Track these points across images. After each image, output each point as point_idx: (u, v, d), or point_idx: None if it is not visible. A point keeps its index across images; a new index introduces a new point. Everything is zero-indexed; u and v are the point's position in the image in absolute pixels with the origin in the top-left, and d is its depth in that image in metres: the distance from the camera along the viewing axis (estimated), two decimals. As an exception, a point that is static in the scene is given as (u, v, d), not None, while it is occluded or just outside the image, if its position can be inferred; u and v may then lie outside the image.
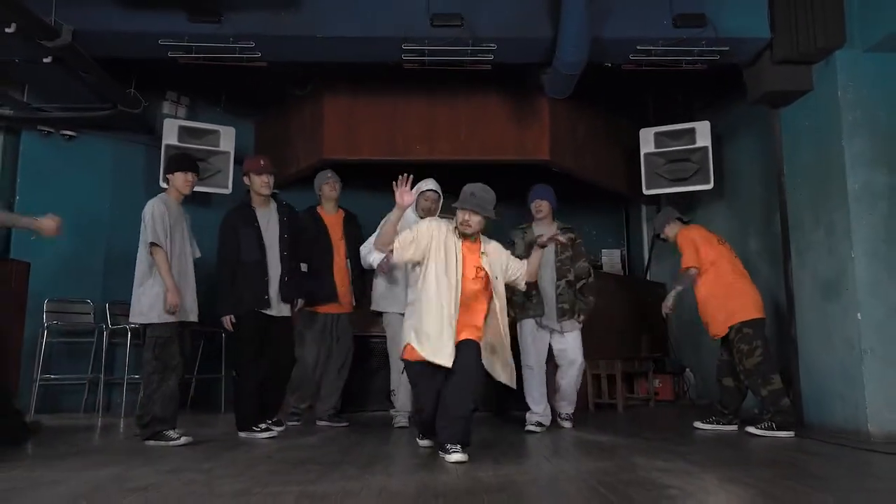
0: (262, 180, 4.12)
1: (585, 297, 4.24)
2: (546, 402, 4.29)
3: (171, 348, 3.68)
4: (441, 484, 2.52)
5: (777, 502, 2.22)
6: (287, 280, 4.12)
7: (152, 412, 3.59)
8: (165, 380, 3.64)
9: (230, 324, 3.96)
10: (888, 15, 3.81)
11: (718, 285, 4.14)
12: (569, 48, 4.22)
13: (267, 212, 4.18)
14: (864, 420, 3.77)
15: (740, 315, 4.06)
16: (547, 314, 4.25)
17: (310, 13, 4.26)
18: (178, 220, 3.83)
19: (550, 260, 4.26)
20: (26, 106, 5.31)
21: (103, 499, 2.21)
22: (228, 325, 3.97)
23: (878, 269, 3.90)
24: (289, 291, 4.12)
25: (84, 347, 5.39)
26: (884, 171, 3.97)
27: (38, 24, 3.89)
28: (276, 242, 4.15)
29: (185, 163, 3.96)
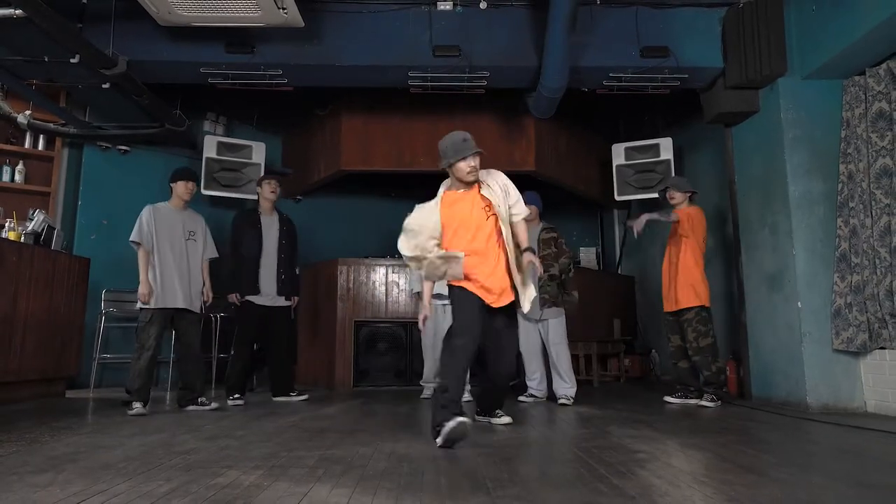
0: (269, 187, 4.38)
1: (569, 292, 4.20)
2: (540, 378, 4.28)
3: (149, 331, 3.70)
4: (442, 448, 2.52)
5: (729, 463, 2.22)
6: (283, 278, 4.32)
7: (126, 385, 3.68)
8: (139, 358, 3.65)
9: (236, 299, 4.22)
10: (822, 48, 3.81)
11: (700, 266, 4.12)
12: (551, 75, 4.21)
13: (270, 219, 4.39)
14: (804, 393, 3.77)
15: (705, 300, 4.07)
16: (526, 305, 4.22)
17: (329, 45, 4.25)
18: (173, 225, 3.86)
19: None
20: (88, 125, 5.31)
21: (153, 461, 2.21)
22: (234, 300, 4.22)
23: (815, 264, 3.90)
24: (283, 288, 4.33)
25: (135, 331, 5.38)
26: (819, 180, 3.97)
27: (99, 55, 3.89)
28: (276, 245, 4.34)
29: (186, 173, 4.03)
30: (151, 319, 3.70)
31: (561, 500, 1.73)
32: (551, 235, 4.25)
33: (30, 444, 2.56)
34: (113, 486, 1.84)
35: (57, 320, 4.36)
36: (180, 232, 3.87)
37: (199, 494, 1.75)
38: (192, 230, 3.95)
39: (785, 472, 2.11)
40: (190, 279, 3.86)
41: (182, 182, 3.93)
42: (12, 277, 3.95)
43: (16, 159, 5.38)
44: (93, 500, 1.69)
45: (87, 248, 5.20)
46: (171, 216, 3.87)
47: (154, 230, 3.76)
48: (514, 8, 4.32)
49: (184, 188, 3.93)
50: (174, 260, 3.80)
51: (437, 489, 1.84)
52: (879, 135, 3.68)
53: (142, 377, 3.62)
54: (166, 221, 3.83)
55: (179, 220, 3.90)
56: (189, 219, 3.96)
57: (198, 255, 3.95)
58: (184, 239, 3.87)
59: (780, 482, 1.94)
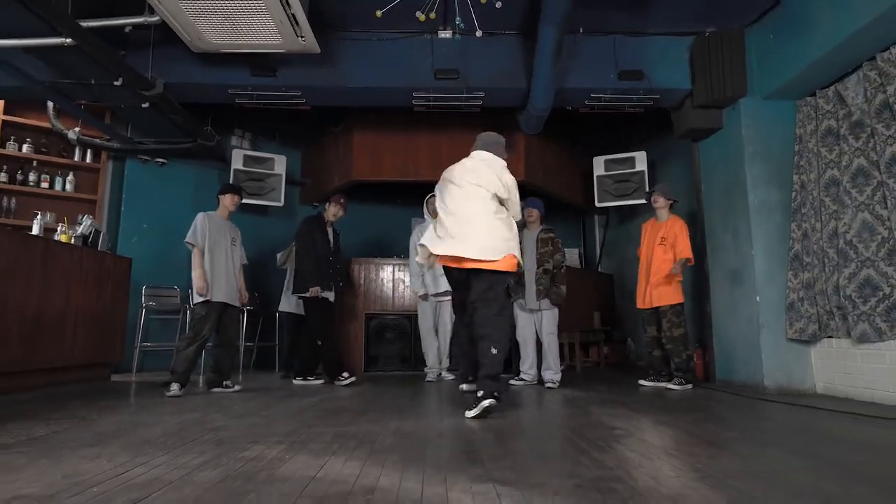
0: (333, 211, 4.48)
1: (558, 285, 4.20)
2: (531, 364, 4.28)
3: (205, 323, 3.74)
4: (443, 426, 2.53)
5: (696, 438, 2.23)
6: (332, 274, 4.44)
7: (172, 365, 3.69)
8: (189, 346, 3.69)
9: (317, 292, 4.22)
10: (778, 73, 3.82)
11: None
12: (539, 96, 4.22)
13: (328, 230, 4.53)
14: (761, 377, 3.78)
15: (680, 297, 4.07)
16: (527, 298, 4.24)
17: (342, 69, 4.26)
18: (221, 230, 3.92)
19: (532, 251, 4.26)
20: (130, 140, 5.32)
21: (188, 436, 2.22)
22: (316, 293, 4.22)
23: (772, 263, 3.91)
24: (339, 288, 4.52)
25: (172, 322, 5.40)
26: (776, 189, 3.98)
27: (139, 78, 3.90)
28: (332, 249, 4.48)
29: (232, 188, 4.11)
30: (208, 313, 3.74)
31: (548, 471, 1.74)
32: (549, 235, 4.28)
33: (80, 421, 2.58)
34: (153, 458, 1.85)
35: (103, 313, 4.37)
36: (227, 237, 3.94)
37: (228, 466, 1.76)
38: (234, 237, 4.03)
39: (744, 446, 2.12)
40: (233, 279, 3.92)
41: (229, 195, 4.01)
42: (64, 275, 3.96)
43: (66, 171, 5.39)
44: (135, 470, 1.70)
45: (129, 249, 5.21)
46: (220, 223, 3.94)
47: (207, 234, 3.81)
48: (506, 36, 4.32)
49: (230, 200, 4.00)
50: (223, 261, 3.86)
51: (438, 462, 1.85)
52: (828, 149, 3.69)
53: (187, 362, 3.66)
54: (216, 227, 3.89)
55: (225, 227, 3.97)
56: (231, 227, 4.04)
57: (237, 259, 4.02)
58: (229, 244, 3.94)
59: (740, 455, 1.95)
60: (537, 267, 4.20)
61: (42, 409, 2.94)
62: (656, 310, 4.15)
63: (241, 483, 1.58)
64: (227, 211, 4.00)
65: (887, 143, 3.25)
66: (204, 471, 1.70)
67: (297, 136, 6.52)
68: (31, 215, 4.76)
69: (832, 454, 2.00)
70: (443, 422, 2.64)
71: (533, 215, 4.35)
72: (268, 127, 6.21)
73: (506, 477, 1.64)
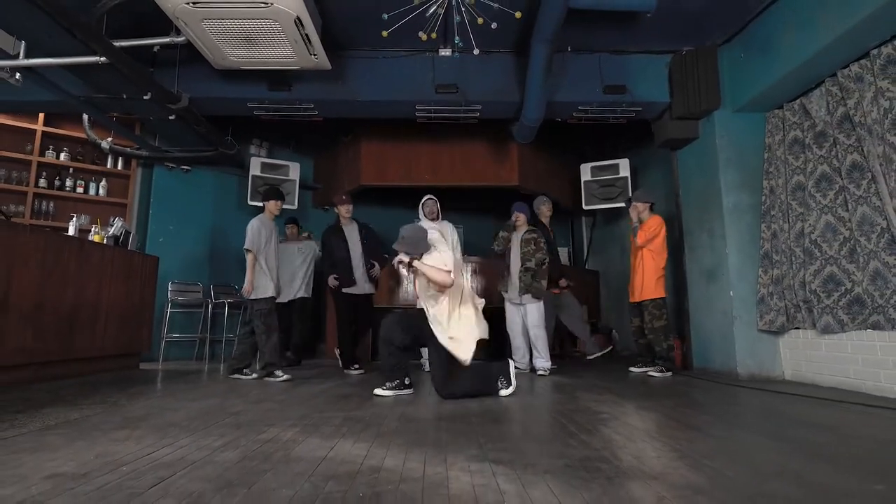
0: (344, 209, 4.44)
1: (538, 281, 4.17)
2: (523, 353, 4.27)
3: (272, 316, 3.76)
4: (443, 411, 2.53)
5: (674, 421, 2.23)
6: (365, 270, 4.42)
7: (265, 359, 3.69)
8: (269, 338, 3.70)
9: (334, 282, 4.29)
10: (748, 88, 3.81)
11: (660, 266, 4.06)
12: (531, 109, 4.20)
13: (351, 228, 4.47)
14: (734, 365, 3.77)
15: (661, 293, 4.04)
16: (511, 292, 4.23)
17: (352, 84, 4.25)
18: (272, 233, 3.96)
19: (517, 251, 4.25)
20: (157, 149, 5.31)
21: (210, 420, 2.21)
22: (333, 283, 4.29)
23: (744, 260, 3.90)
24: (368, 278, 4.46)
25: (196, 315, 5.39)
26: (747, 193, 3.97)
27: (166, 93, 3.89)
28: (359, 247, 4.42)
29: (276, 193, 4.08)
30: (271, 307, 3.76)
31: (540, 451, 1.73)
32: (532, 236, 4.25)
33: (111, 406, 2.57)
34: (178, 440, 1.85)
35: (132, 307, 4.36)
36: (276, 240, 3.97)
37: (246, 447, 1.75)
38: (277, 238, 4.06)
39: (720, 429, 2.11)
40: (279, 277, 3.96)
41: (273, 201, 3.98)
42: (97, 272, 3.95)
43: (100, 177, 5.38)
44: (161, 451, 1.69)
45: (157, 249, 5.19)
46: (270, 227, 3.95)
47: (263, 239, 3.80)
48: (501, 54, 4.31)
49: (275, 205, 3.98)
50: (275, 261, 3.89)
51: (438, 444, 1.84)
52: (795, 157, 3.68)
53: (277, 351, 3.72)
54: (268, 231, 3.89)
55: (272, 229, 3.98)
56: (275, 229, 4.06)
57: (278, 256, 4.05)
58: (275, 245, 3.96)
59: (716, 437, 1.95)
60: (520, 265, 4.19)
61: (77, 395, 2.93)
62: (640, 303, 4.14)
63: (258, 462, 1.57)
64: (272, 215, 4.01)
65: (847, 152, 3.24)
66: (224, 451, 1.70)
67: (310, 144, 6.51)
68: (67, 218, 4.76)
69: (799, 435, 1.99)
70: (444, 407, 2.64)
71: (520, 219, 4.33)
72: (283, 137, 6.20)
73: (501, 457, 1.64)
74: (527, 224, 4.37)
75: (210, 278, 5.54)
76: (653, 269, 4.06)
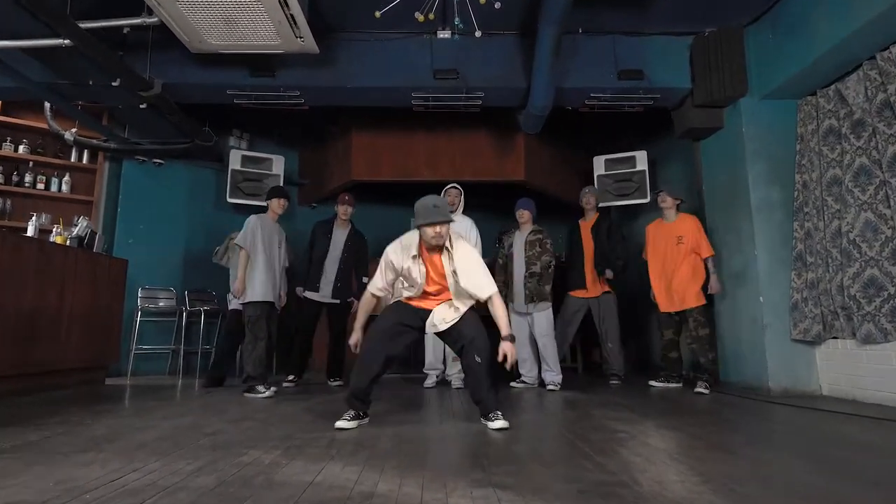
0: (342, 210, 4.54)
1: (543, 286, 4.14)
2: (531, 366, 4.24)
3: (261, 323, 3.76)
4: (443, 430, 2.50)
5: (699, 441, 2.21)
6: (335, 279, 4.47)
7: (247, 371, 3.70)
8: (255, 347, 3.71)
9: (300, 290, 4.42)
10: (777, 72, 3.80)
11: (700, 270, 4.06)
12: (539, 96, 4.20)
13: (342, 231, 4.57)
14: (766, 379, 3.75)
15: (703, 298, 4.02)
16: (517, 301, 4.20)
17: (341, 69, 4.24)
18: (271, 233, 3.99)
19: (521, 254, 4.23)
20: (127, 140, 5.30)
21: (183, 441, 2.19)
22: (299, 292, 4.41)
23: (774, 263, 3.88)
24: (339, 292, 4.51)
25: (168, 324, 5.37)
26: (777, 188, 3.96)
27: (137, 79, 3.88)
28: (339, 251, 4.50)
29: (279, 191, 4.12)
30: (261, 313, 3.77)
31: (550, 476, 1.71)
32: (537, 237, 4.23)
33: (74, 426, 2.54)
34: (147, 464, 1.82)
35: (98, 315, 4.33)
36: (275, 240, 4.00)
37: (224, 472, 1.73)
38: (280, 240, 4.08)
39: (750, 449, 2.09)
40: (276, 280, 3.96)
41: (276, 199, 4.04)
42: (59, 277, 3.92)
43: (63, 172, 5.36)
44: (129, 476, 1.67)
45: (126, 251, 5.17)
46: (270, 227, 3.99)
47: (256, 237, 3.85)
48: (505, 36, 4.30)
49: (277, 204, 4.03)
50: (270, 263, 3.90)
51: (437, 467, 1.82)
52: (830, 148, 3.67)
53: (262, 363, 3.71)
54: (266, 231, 3.93)
55: (275, 230, 4.03)
56: (279, 230, 4.09)
57: (281, 261, 4.08)
58: (276, 246, 3.99)
59: (746, 458, 1.93)
60: (525, 270, 4.17)
61: (35, 413, 2.90)
62: (682, 312, 4.09)
63: (237, 488, 1.55)
64: (275, 214, 4.05)
65: (889, 142, 3.23)
66: (199, 476, 1.67)
67: (295, 136, 6.49)
68: (26, 217, 4.74)
69: (839, 456, 1.97)
70: (442, 426, 2.61)
71: (524, 216, 4.31)
72: (266, 127, 6.18)
73: (506, 482, 1.61)
74: (532, 223, 4.35)
75: (185, 284, 5.52)
76: (695, 272, 4.03)
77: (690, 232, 4.08)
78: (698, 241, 4.06)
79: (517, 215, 4.34)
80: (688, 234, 4.08)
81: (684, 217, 4.18)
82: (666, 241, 4.21)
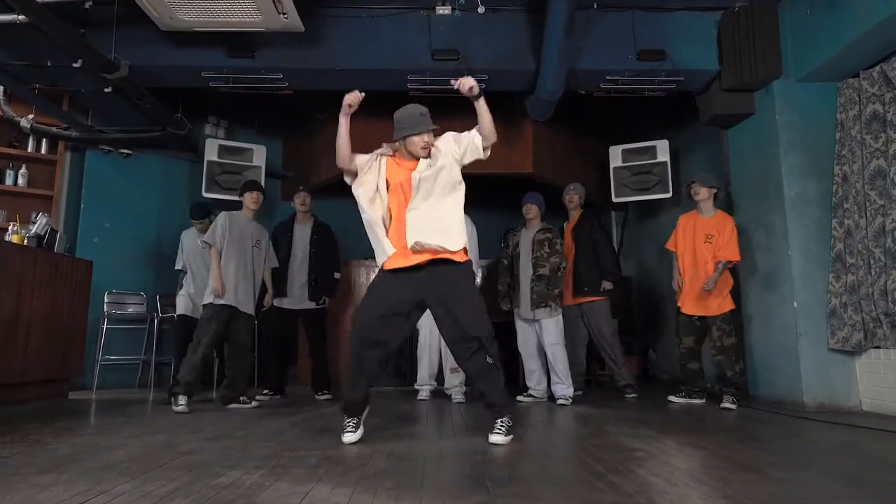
0: (298, 201, 4.69)
1: (552, 290, 4.14)
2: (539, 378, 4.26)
3: (207, 327, 3.80)
4: (442, 447, 2.52)
5: (725, 461, 2.23)
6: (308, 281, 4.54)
7: (178, 376, 3.74)
8: (194, 352, 3.74)
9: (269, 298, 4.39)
10: (815, 51, 3.82)
11: (728, 275, 4.07)
12: (548, 78, 4.22)
13: (303, 227, 4.66)
14: (800, 392, 3.77)
15: (731, 304, 4.03)
16: (522, 307, 4.22)
17: (329, 49, 4.26)
18: (244, 231, 4.02)
19: (528, 255, 4.24)
20: (90, 128, 5.31)
21: (155, 461, 2.21)
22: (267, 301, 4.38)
23: (810, 264, 3.90)
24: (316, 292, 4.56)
25: (138, 333, 5.39)
26: (814, 181, 3.98)
27: (101, 59, 3.90)
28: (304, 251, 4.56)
29: (251, 185, 4.17)
30: (212, 317, 3.81)
31: (560, 497, 1.73)
32: (546, 236, 4.24)
33: (33, 444, 2.56)
34: (116, 486, 1.84)
35: (60, 322, 4.35)
36: (249, 240, 4.03)
37: (201, 494, 1.75)
38: (259, 239, 4.12)
39: (781, 470, 2.11)
40: (250, 284, 4.00)
41: (248, 193, 4.11)
42: (15, 280, 3.94)
43: (19, 163, 5.37)
44: (96, 500, 1.69)
45: (90, 251, 5.19)
46: (243, 224, 4.04)
47: (226, 235, 3.91)
48: (511, 12, 4.32)
49: (249, 198, 4.09)
50: (239, 264, 3.93)
51: (436, 488, 1.84)
52: (873, 136, 3.69)
53: (192, 371, 3.71)
54: (238, 228, 3.98)
55: (249, 228, 4.06)
56: (257, 229, 4.14)
57: (260, 262, 4.12)
58: (250, 246, 4.02)
59: (776, 480, 1.95)
60: (532, 272, 4.18)
61: (-9, 430, 2.92)
62: (703, 318, 4.10)
63: (214, 513, 1.57)
64: (249, 211, 4.09)
65: (939, 130, 3.25)
66: (174, 499, 1.69)
67: (278, 123, 6.51)
68: (-21, 213, 4.77)
69: (880, 479, 1.99)
70: (441, 442, 2.63)
71: (532, 212, 4.32)
72: (246, 114, 6.20)
73: (513, 505, 1.63)
74: (540, 220, 4.36)
75: (156, 287, 5.54)
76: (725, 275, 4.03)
77: (721, 233, 4.05)
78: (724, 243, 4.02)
79: (524, 210, 4.35)
80: (717, 235, 4.06)
81: (721, 215, 4.16)
82: (695, 237, 4.17)
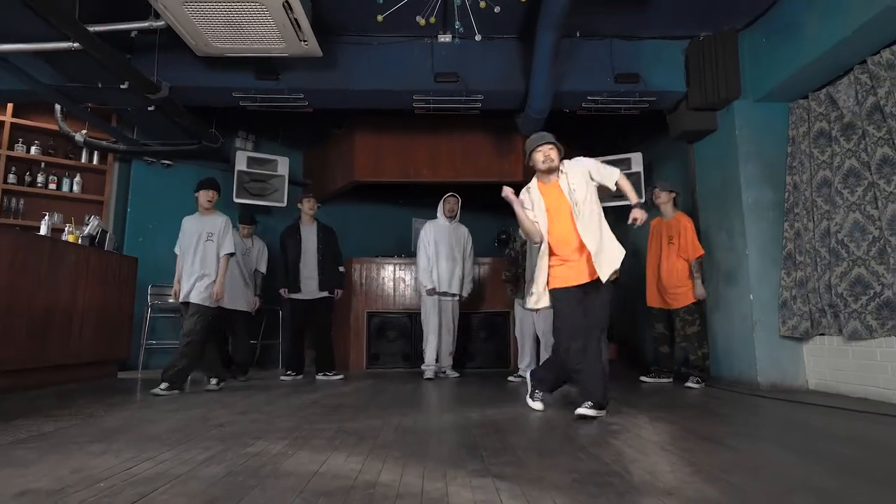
0: (307, 205, 4.67)
1: None
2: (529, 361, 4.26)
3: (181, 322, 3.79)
4: (443, 422, 2.53)
5: (691, 434, 2.23)
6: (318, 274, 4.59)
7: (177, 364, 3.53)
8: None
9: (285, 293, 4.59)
10: (770, 75, 3.82)
11: (687, 267, 4.07)
12: (537, 98, 4.21)
13: (309, 229, 4.67)
14: (755, 374, 3.78)
15: (691, 297, 4.03)
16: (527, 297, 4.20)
17: (344, 72, 4.26)
18: (192, 230, 3.74)
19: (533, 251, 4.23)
20: (136, 142, 5.32)
21: (193, 432, 2.22)
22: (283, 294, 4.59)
23: (765, 262, 3.90)
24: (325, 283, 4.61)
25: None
26: (769, 189, 3.97)
27: (145, 82, 3.90)
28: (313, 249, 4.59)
29: (203, 183, 3.81)
30: (181, 313, 3.84)
31: (546, 465, 1.74)
32: None
33: (87, 417, 2.58)
34: (159, 454, 1.85)
35: (110, 311, 4.37)
36: (197, 236, 3.73)
37: (232, 462, 1.76)
38: (211, 231, 3.75)
39: (739, 440, 2.12)
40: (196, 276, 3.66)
41: (201, 191, 3.81)
42: (72, 274, 3.95)
43: (74, 172, 5.39)
44: (141, 465, 1.70)
45: (135, 249, 5.20)
46: (193, 223, 3.81)
47: (181, 237, 3.82)
48: (504, 40, 4.32)
49: (203, 196, 3.81)
50: (189, 260, 3.71)
51: (438, 457, 1.85)
52: (820, 150, 3.68)
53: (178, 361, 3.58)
54: (188, 228, 3.81)
55: (199, 225, 3.77)
56: (209, 222, 3.78)
57: (210, 254, 3.72)
58: (202, 241, 3.71)
59: (734, 450, 1.95)
60: None
61: (50, 405, 2.94)
62: (669, 310, 4.11)
63: (245, 478, 1.58)
64: (202, 208, 3.81)
65: (878, 145, 3.25)
66: (209, 466, 1.70)
67: (299, 137, 6.51)
68: (38, 216, 4.76)
69: (826, 449, 2.00)
70: (443, 417, 2.64)
71: None
72: (271, 129, 6.20)
73: (504, 472, 1.64)
74: None
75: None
76: (682, 269, 4.04)
77: (681, 234, 4.08)
78: (685, 243, 4.04)
79: None
80: (677, 235, 4.09)
81: (680, 216, 4.18)
82: (660, 239, 4.23)
